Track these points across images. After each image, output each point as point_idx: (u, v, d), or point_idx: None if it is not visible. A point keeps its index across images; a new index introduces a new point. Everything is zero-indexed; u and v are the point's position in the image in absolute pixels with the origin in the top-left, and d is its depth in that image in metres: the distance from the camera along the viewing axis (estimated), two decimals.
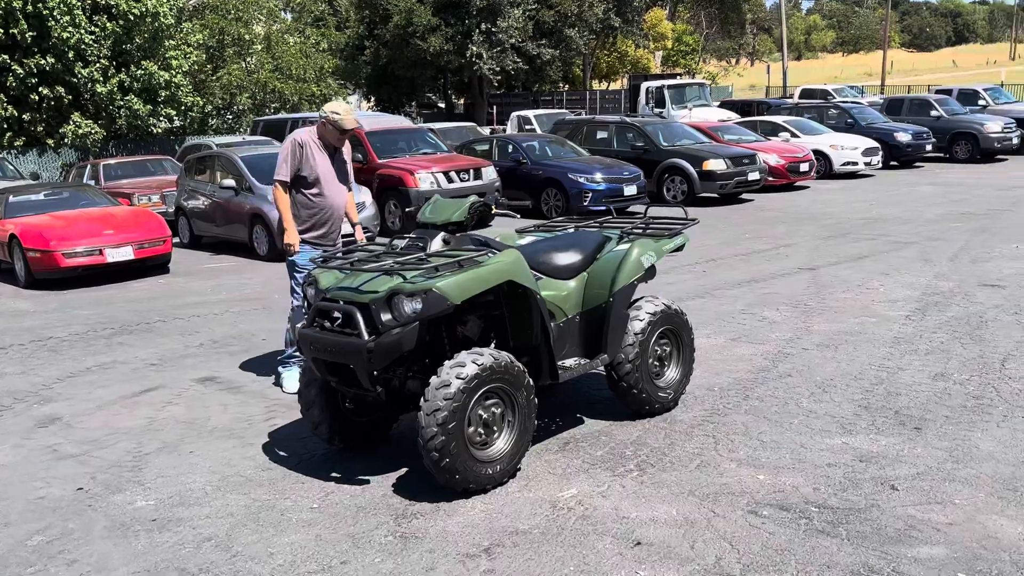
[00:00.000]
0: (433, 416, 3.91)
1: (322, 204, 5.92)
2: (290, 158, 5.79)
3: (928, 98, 24.25)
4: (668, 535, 3.64)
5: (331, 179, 5.95)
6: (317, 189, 5.88)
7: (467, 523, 3.85)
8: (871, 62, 78.20)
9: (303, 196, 5.88)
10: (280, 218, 5.91)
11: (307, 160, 5.82)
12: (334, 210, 6.00)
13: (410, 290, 3.97)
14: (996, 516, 3.67)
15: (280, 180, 5.83)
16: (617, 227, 5.37)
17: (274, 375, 6.23)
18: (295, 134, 5.96)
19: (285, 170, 5.81)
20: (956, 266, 9.19)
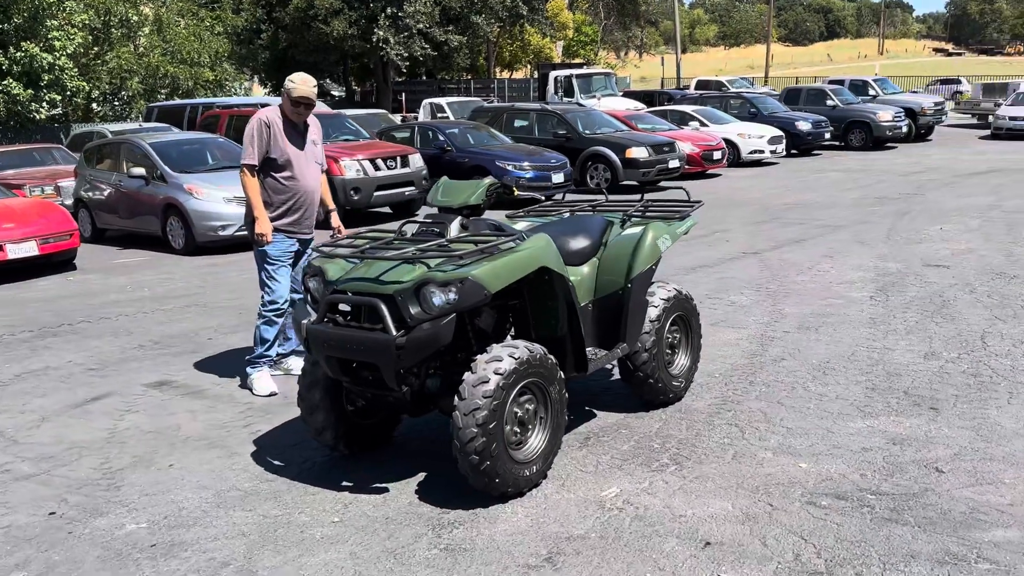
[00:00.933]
0: (472, 416, 3.59)
1: (295, 188, 5.46)
2: (257, 139, 5.30)
3: (824, 88, 25.17)
4: (734, 532, 3.45)
5: (303, 161, 5.50)
6: (289, 172, 5.41)
7: (515, 531, 3.56)
8: (752, 55, 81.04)
9: (274, 180, 5.41)
10: (249, 206, 5.42)
11: (275, 141, 5.34)
12: (308, 194, 5.55)
13: (442, 279, 3.63)
14: None
15: (248, 164, 5.34)
16: (616, 211, 5.15)
17: (240, 377, 5.73)
18: (260, 113, 5.47)
19: (252, 153, 5.32)
20: (894, 248, 9.45)
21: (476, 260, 3.71)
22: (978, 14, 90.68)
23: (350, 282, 3.86)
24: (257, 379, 5.54)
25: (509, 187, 4.40)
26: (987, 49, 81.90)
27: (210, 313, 7.68)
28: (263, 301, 5.52)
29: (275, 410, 5.17)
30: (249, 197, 5.35)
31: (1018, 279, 7.70)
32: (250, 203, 5.37)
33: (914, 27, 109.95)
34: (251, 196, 5.34)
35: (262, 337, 5.54)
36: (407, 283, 3.70)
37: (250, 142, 5.31)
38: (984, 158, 19.69)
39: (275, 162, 5.36)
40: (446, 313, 3.64)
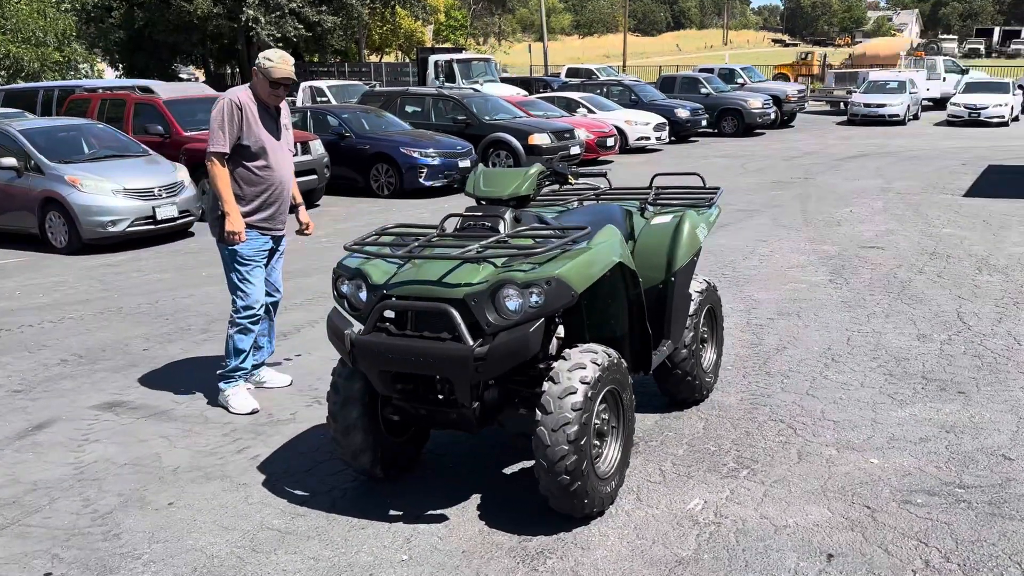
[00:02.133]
0: (561, 432, 3.22)
1: (270, 179, 4.85)
2: (227, 124, 4.67)
3: (697, 76, 25.89)
4: (850, 541, 3.26)
5: (278, 148, 4.91)
6: (263, 161, 4.80)
7: (616, 556, 3.22)
8: (606, 45, 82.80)
9: (246, 171, 4.78)
10: (217, 199, 4.75)
11: (248, 125, 4.72)
12: (283, 186, 4.95)
13: (524, 279, 3.22)
14: None
15: (217, 152, 4.68)
16: (630, 199, 4.85)
17: (205, 393, 5.07)
18: (230, 94, 4.82)
19: (223, 139, 4.67)
20: (820, 231, 9.67)
21: (552, 257, 3.32)
22: (810, 7, 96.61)
23: (404, 286, 3.39)
24: (233, 396, 4.91)
25: (564, 174, 4.00)
26: (820, 40, 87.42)
27: (131, 320, 6.84)
28: (235, 307, 4.88)
29: (263, 430, 4.58)
30: (218, 190, 4.69)
31: (953, 258, 8.01)
32: (218, 196, 4.71)
33: (752, 19, 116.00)
34: (220, 189, 4.68)
35: (236, 348, 4.91)
36: (480, 285, 3.27)
37: (219, 127, 4.66)
38: (850, 143, 20.78)
39: (248, 150, 4.74)
40: (531, 318, 3.23)
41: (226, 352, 4.96)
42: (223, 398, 4.94)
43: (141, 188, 10.12)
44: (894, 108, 26.01)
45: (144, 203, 10.04)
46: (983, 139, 21.07)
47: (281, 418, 4.74)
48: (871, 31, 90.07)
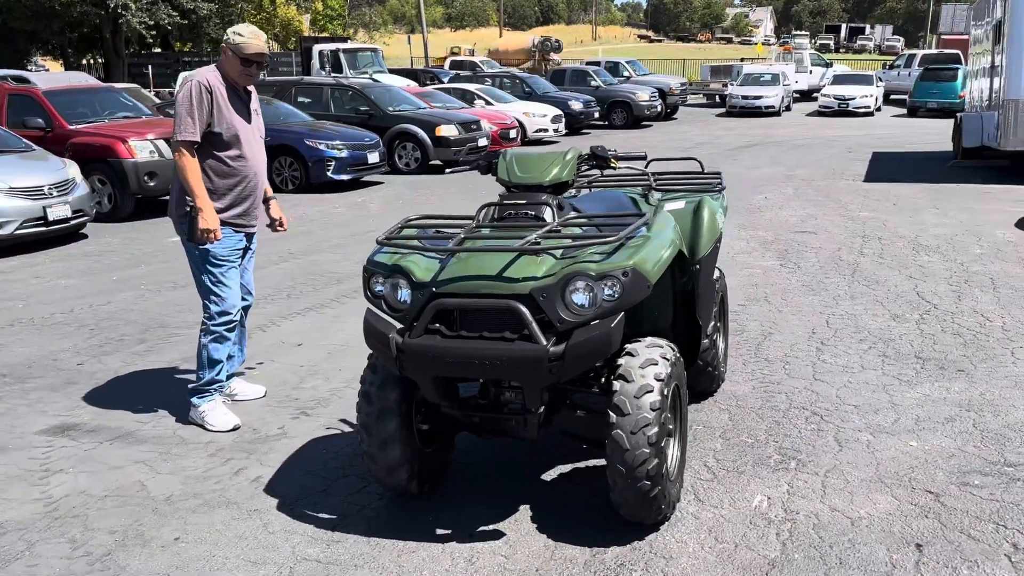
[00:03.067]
0: (642, 434, 2.98)
1: (244, 170, 4.38)
2: (196, 109, 4.16)
3: (587, 69, 26.13)
4: (930, 529, 3.18)
5: (251, 135, 4.45)
6: (237, 150, 4.33)
7: (703, 564, 3.02)
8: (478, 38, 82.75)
9: (217, 161, 4.30)
10: (184, 194, 4.25)
11: (219, 110, 4.24)
12: (257, 177, 4.50)
13: (598, 271, 2.97)
14: None
15: (187, 140, 4.17)
16: (628, 185, 4.66)
17: (170, 409, 4.56)
18: (197, 75, 4.31)
19: (192, 126, 4.16)
20: (747, 217, 9.82)
21: (618, 247, 3.08)
22: (672, 4, 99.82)
23: (458, 282, 3.06)
24: (210, 412, 4.41)
25: (605, 157, 3.75)
26: (683, 36, 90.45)
27: (49, 332, 6.12)
28: (208, 313, 4.39)
29: (254, 448, 4.13)
30: (188, 183, 4.17)
31: (886, 241, 8.28)
32: (188, 190, 4.19)
33: (618, 15, 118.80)
34: (191, 182, 4.17)
35: (211, 358, 4.42)
36: (548, 279, 2.99)
37: (187, 112, 4.15)
38: (737, 133, 21.48)
39: (219, 138, 4.26)
40: (606, 313, 2.98)
41: (199, 364, 4.45)
42: (197, 415, 4.43)
43: (29, 187, 9.17)
44: (770, 100, 27.12)
45: (33, 203, 9.11)
46: (856, 128, 22.22)
47: (269, 434, 4.30)
48: (730, 27, 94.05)
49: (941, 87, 26.18)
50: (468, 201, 11.62)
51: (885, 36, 76.59)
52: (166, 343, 5.81)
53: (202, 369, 4.44)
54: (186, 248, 4.39)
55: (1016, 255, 7.51)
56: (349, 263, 7.88)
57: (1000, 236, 8.36)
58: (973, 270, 7.01)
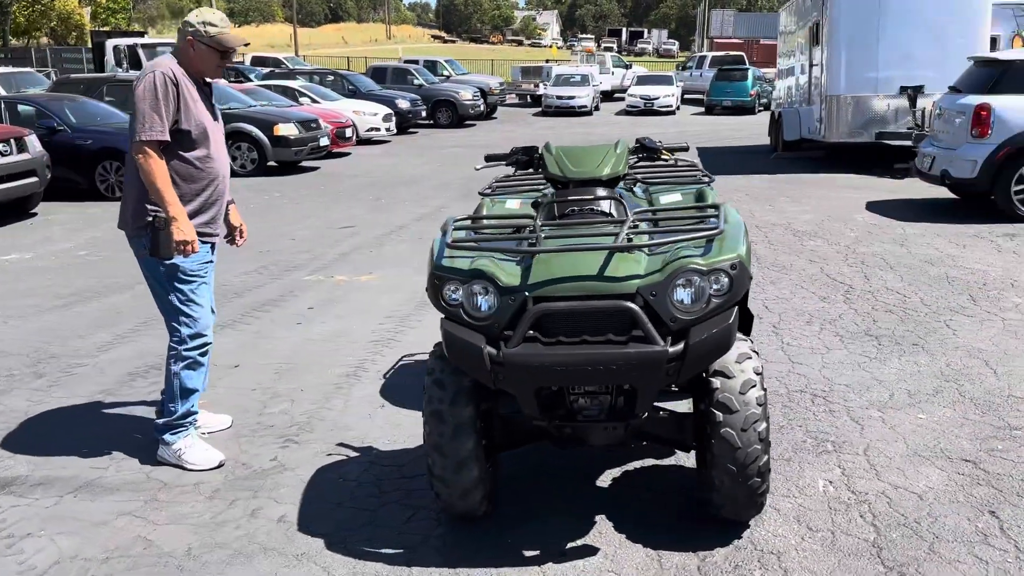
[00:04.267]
0: (752, 431, 2.91)
1: (212, 173, 3.87)
2: (163, 104, 3.62)
3: (409, 67, 25.83)
4: (989, 495, 3.34)
5: (217, 133, 3.96)
6: (205, 150, 3.81)
7: (816, 556, 2.98)
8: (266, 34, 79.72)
9: (184, 163, 3.76)
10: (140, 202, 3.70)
11: (186, 106, 3.71)
12: (224, 180, 4.00)
13: (708, 265, 2.85)
14: None
15: (152, 139, 3.60)
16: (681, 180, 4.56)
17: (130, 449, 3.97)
18: (159, 66, 3.73)
19: (160, 123, 3.61)
20: None
21: (710, 240, 2.98)
22: (463, 5, 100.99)
23: (554, 285, 2.84)
24: (188, 449, 3.87)
25: (656, 148, 3.61)
26: (475, 37, 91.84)
27: None
28: (179, 337, 3.84)
29: (254, 484, 3.67)
30: (157, 188, 3.60)
31: (765, 228, 8.76)
32: (156, 197, 3.62)
33: (408, 15, 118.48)
34: (161, 187, 3.60)
35: (184, 388, 3.87)
36: (655, 276, 2.83)
37: (152, 108, 3.59)
38: (559, 131, 22.03)
39: (187, 136, 3.73)
40: (718, 308, 2.87)
41: (170, 395, 3.89)
42: (171, 454, 3.87)
43: None
44: (582, 100, 28.11)
45: None
46: (667, 125, 23.51)
47: (264, 467, 3.83)
48: (520, 29, 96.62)
49: (734, 86, 28.28)
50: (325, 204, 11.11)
51: (662, 40, 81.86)
52: (69, 376, 5.06)
53: (173, 401, 3.88)
54: (146, 265, 3.82)
55: (888, 235, 8.20)
56: (234, 274, 7.26)
57: (861, 220, 9.10)
58: (861, 251, 7.57)
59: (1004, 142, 8.41)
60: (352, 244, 8.67)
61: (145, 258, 3.77)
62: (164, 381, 3.93)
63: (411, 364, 5.08)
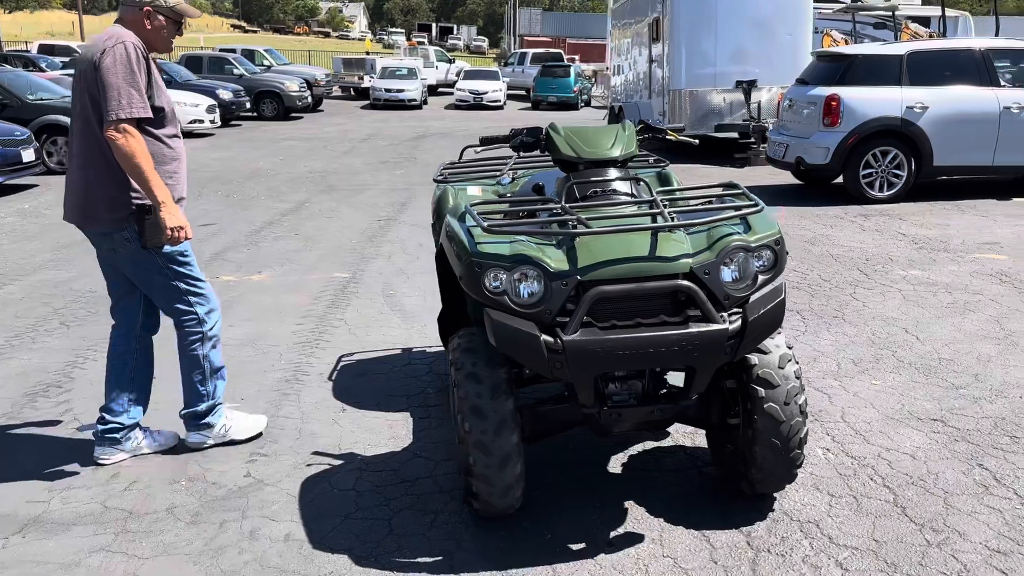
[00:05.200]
0: (794, 403, 2.96)
1: (179, 151, 3.57)
2: (139, 77, 3.26)
3: (227, 56, 24.48)
4: (969, 450, 3.56)
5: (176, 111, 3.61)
6: (173, 128, 3.53)
7: (852, 520, 3.07)
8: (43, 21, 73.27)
9: (156, 143, 3.43)
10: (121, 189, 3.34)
11: (156, 81, 3.41)
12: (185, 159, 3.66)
13: (755, 242, 2.85)
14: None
15: (133, 117, 3.22)
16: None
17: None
18: (123, 36, 3.32)
19: (139, 98, 3.25)
20: None
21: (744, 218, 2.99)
22: None
23: (608, 267, 2.75)
24: (234, 423, 3.79)
25: (661, 130, 3.55)
26: (279, 28, 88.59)
27: None
28: (197, 318, 3.60)
29: (237, 503, 3.30)
30: (143, 172, 3.24)
31: None
32: (140, 181, 3.27)
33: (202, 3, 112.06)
34: (146, 170, 3.24)
35: (213, 368, 3.69)
36: (705, 254, 2.80)
37: (129, 81, 3.22)
38: (395, 124, 21.75)
39: (160, 113, 3.42)
40: (764, 284, 2.88)
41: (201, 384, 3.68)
42: (216, 436, 3.75)
43: None
44: (411, 93, 27.85)
45: None
46: (499, 119, 23.76)
47: (240, 484, 3.47)
48: (325, 21, 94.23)
49: (558, 83, 29.04)
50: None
51: (472, 37, 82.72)
52: None
53: (208, 387, 3.69)
54: (133, 259, 3.46)
55: None
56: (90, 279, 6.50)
57: None
58: None
59: (853, 130, 9.13)
60: (222, 243, 8.07)
61: (132, 252, 3.42)
62: (184, 373, 3.68)
63: (353, 365, 4.79)
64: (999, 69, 9.20)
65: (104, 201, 3.34)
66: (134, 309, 3.62)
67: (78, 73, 3.36)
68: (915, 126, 9.07)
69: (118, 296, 3.63)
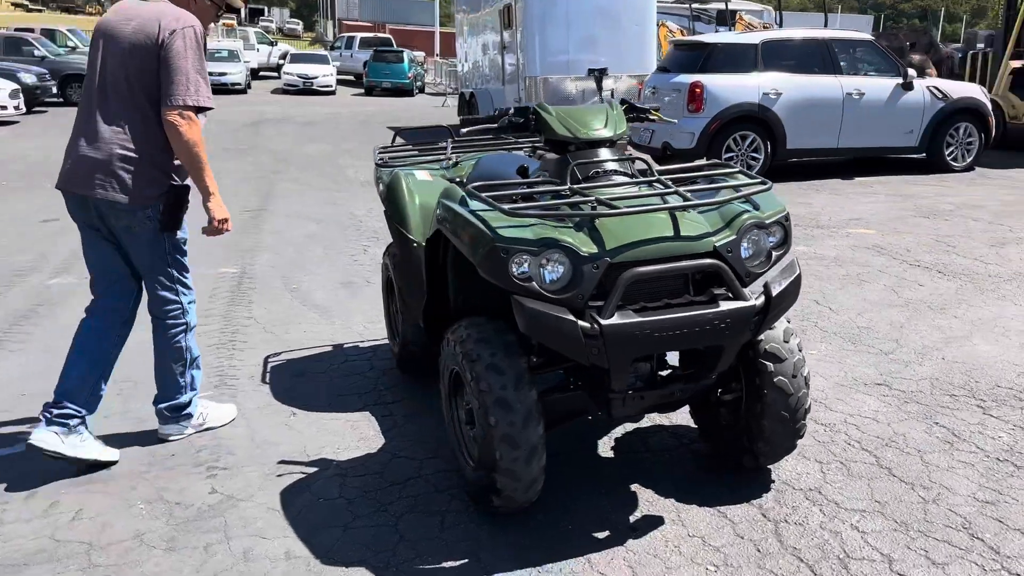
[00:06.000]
0: (800, 376, 3.03)
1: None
2: (203, 61, 3.25)
3: (26, 36, 22.21)
4: (921, 409, 3.79)
5: None
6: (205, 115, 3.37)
7: (850, 485, 3.17)
8: None
9: None
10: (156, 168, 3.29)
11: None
12: None
13: (769, 218, 2.87)
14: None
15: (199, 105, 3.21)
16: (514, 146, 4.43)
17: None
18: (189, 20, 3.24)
19: (206, 88, 3.25)
20: (342, 184, 9.78)
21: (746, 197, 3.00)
22: None
23: (636, 248, 2.68)
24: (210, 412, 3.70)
25: (645, 110, 3.46)
26: (68, 7, 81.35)
27: None
28: (180, 307, 3.48)
29: (214, 524, 2.98)
30: (201, 160, 3.26)
31: None
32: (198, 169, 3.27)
33: None
34: (204, 158, 3.27)
35: (193, 356, 3.57)
36: (726, 232, 2.80)
37: (197, 70, 3.20)
38: (222, 113, 20.60)
39: None
40: (776, 260, 2.91)
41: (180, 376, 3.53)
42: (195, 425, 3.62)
43: None
44: (235, 76, 26.52)
45: None
46: (336, 106, 23.06)
47: (207, 502, 3.13)
48: None
49: (392, 68, 28.57)
50: None
51: (285, 19, 79.73)
52: None
53: (188, 378, 3.56)
54: (147, 242, 3.33)
55: None
56: None
57: None
58: None
59: (715, 115, 9.56)
60: (76, 240, 7.30)
61: (149, 233, 3.31)
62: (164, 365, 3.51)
63: (284, 366, 4.46)
64: (840, 58, 9.93)
65: (145, 177, 3.22)
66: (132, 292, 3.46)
67: (118, 41, 3.19)
68: (771, 111, 9.62)
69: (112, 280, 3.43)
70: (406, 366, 4.23)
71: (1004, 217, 7.89)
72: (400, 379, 4.24)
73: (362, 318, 5.17)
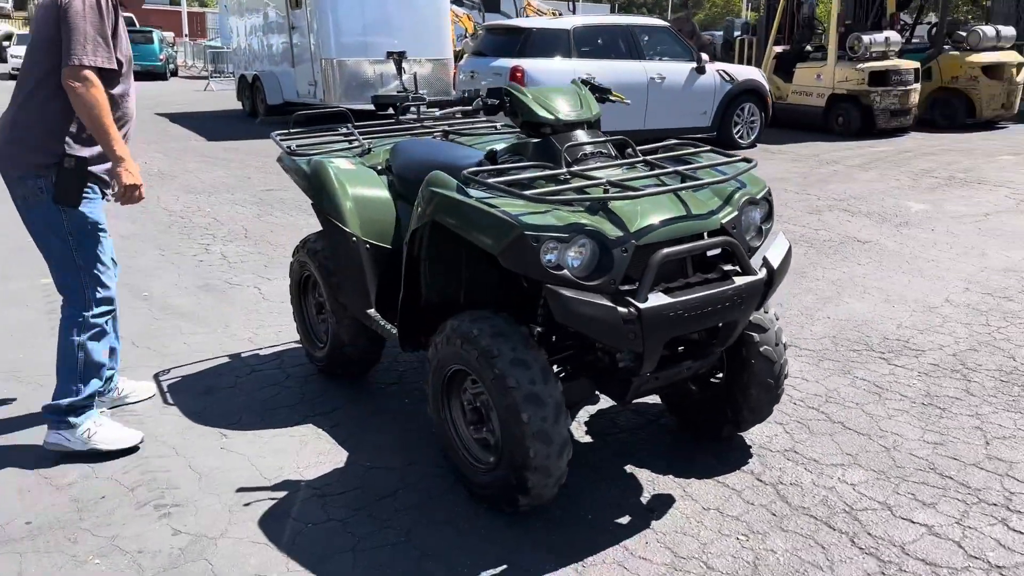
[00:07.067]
0: (781, 344, 3.16)
1: (130, 113, 3.25)
2: (107, 26, 3.00)
3: None
4: (883, 374, 4.14)
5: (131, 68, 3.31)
6: (126, 85, 3.19)
7: (837, 446, 3.38)
8: None
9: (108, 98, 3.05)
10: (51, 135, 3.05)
11: (118, 32, 3.10)
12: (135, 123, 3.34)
13: (759, 195, 2.94)
14: None
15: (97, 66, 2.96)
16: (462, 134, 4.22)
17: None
18: None
19: (105, 48, 2.99)
20: None
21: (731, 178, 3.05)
22: None
23: (658, 229, 2.65)
24: (99, 428, 3.23)
25: (607, 90, 3.36)
26: None
27: None
28: (83, 301, 3.19)
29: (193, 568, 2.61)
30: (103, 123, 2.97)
31: None
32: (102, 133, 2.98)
33: None
34: (107, 121, 2.98)
35: (91, 362, 3.22)
36: (729, 209, 2.84)
37: (97, 29, 2.96)
38: None
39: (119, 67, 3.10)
40: (765, 235, 3.00)
41: (69, 372, 3.19)
42: (77, 439, 3.17)
43: None
44: None
45: None
46: None
47: (178, 544, 2.73)
48: None
49: (141, 50, 26.24)
50: None
51: None
52: None
53: (78, 381, 3.19)
54: (42, 215, 3.09)
55: None
56: None
57: None
58: None
59: None
60: None
61: (43, 206, 3.07)
62: (57, 359, 3.21)
63: (180, 383, 3.97)
64: (643, 44, 10.46)
65: (33, 144, 3.00)
66: None
67: (39, 12, 3.03)
68: None
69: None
70: (335, 370, 3.92)
71: (807, 187, 8.74)
72: (326, 385, 3.93)
73: (245, 323, 4.73)
